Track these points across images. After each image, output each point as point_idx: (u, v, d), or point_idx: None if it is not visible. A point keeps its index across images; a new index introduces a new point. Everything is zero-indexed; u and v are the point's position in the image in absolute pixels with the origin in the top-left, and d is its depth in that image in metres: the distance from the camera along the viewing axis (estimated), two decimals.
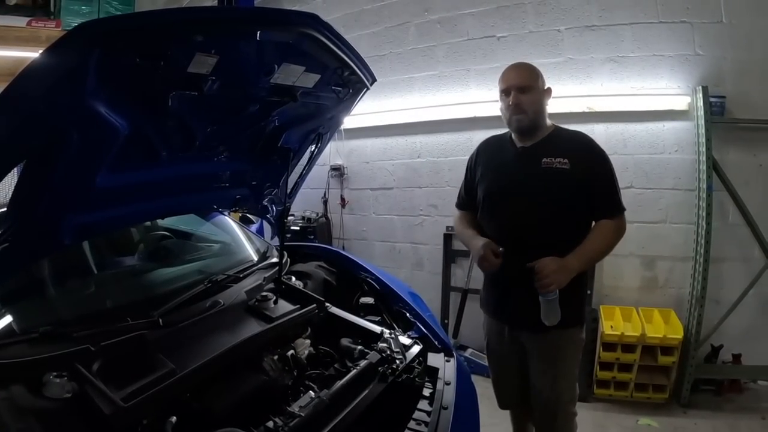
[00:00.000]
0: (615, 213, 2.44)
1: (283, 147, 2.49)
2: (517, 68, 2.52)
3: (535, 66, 2.54)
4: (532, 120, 2.45)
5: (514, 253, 2.42)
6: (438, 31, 5.13)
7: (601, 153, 2.46)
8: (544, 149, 2.45)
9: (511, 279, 2.49)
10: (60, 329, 1.83)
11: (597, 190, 2.41)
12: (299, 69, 1.94)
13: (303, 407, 1.79)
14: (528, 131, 2.49)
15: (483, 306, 2.80)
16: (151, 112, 1.75)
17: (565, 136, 2.52)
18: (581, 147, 2.46)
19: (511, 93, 2.44)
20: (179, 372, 1.76)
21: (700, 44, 4.08)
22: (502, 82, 2.50)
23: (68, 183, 1.67)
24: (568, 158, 2.39)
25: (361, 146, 5.78)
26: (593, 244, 2.41)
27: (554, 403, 2.60)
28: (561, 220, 2.41)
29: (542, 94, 2.49)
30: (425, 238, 5.44)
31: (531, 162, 2.45)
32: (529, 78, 2.46)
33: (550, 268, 2.28)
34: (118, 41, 1.38)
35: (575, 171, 2.38)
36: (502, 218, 2.54)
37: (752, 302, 4.11)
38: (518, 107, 2.43)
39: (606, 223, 2.43)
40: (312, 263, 3.05)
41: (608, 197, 2.44)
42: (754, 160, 4.07)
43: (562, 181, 2.38)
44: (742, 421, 3.80)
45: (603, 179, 2.43)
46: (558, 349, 2.52)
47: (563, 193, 2.39)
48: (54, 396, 1.59)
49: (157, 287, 2.43)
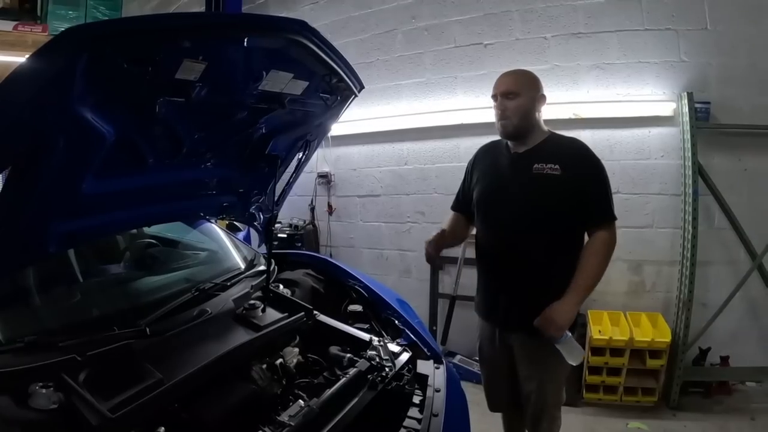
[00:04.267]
0: (606, 220, 2.43)
1: (271, 154, 2.47)
2: (507, 75, 2.54)
3: (531, 73, 2.55)
4: (516, 126, 2.46)
5: (504, 257, 2.46)
6: (425, 39, 5.15)
7: (594, 160, 2.46)
8: (536, 155, 2.46)
9: (502, 282, 2.53)
10: (45, 339, 1.79)
11: (588, 197, 2.41)
12: (287, 76, 1.94)
13: (292, 416, 1.79)
14: (512, 137, 2.51)
15: (476, 309, 2.81)
16: (138, 118, 1.73)
17: (558, 142, 2.53)
18: (574, 153, 2.47)
19: (498, 99, 2.47)
20: (167, 382, 1.74)
21: (685, 51, 4.13)
22: (493, 88, 2.52)
23: (54, 190, 1.64)
24: (559, 164, 2.39)
25: (348, 153, 5.78)
26: (587, 272, 2.40)
27: (540, 407, 2.61)
28: (551, 225, 2.42)
29: (532, 101, 2.48)
30: (413, 244, 5.43)
31: (523, 168, 2.46)
32: (515, 84, 2.47)
33: (552, 321, 2.32)
34: (105, 46, 1.36)
35: (567, 177, 2.38)
36: (493, 222, 2.57)
37: (739, 305, 4.15)
38: (503, 113, 2.46)
39: (594, 244, 2.42)
40: (300, 271, 3.03)
41: (599, 205, 2.43)
42: (739, 164, 4.11)
43: (552, 186, 2.39)
44: (731, 422, 3.82)
45: (595, 186, 2.43)
46: (547, 353, 2.49)
47: (553, 199, 2.39)
48: (40, 407, 1.56)
49: (143, 296, 2.40)
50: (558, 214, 2.41)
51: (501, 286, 2.55)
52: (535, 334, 2.41)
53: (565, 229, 2.45)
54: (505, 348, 2.64)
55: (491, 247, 2.55)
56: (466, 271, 4.87)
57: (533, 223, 2.42)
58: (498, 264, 2.53)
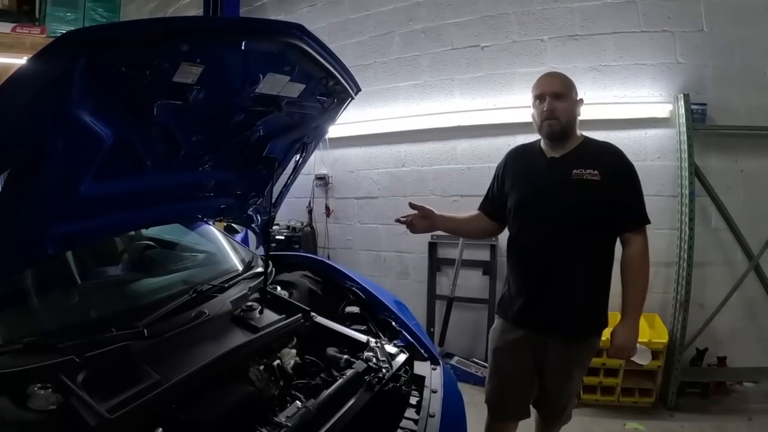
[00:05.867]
0: (641, 225, 2.48)
1: (268, 156, 2.48)
2: (553, 76, 2.58)
3: (570, 78, 2.57)
4: (563, 127, 2.47)
5: (545, 261, 2.47)
6: (422, 41, 5.16)
7: (630, 165, 2.49)
8: (574, 160, 2.47)
9: (543, 287, 2.51)
10: (44, 340, 1.80)
11: (625, 202, 2.44)
12: (284, 79, 1.94)
13: (290, 417, 1.79)
14: (558, 137, 2.51)
15: (503, 312, 2.73)
16: (136, 121, 1.74)
17: (594, 147, 2.55)
18: (611, 159, 2.49)
19: (546, 99, 2.46)
20: (165, 383, 1.74)
21: (682, 53, 4.14)
22: (537, 88, 2.53)
23: (52, 192, 1.65)
24: (598, 170, 2.41)
25: (345, 155, 5.79)
26: (638, 289, 2.50)
27: (566, 401, 2.70)
28: (590, 229, 2.44)
29: (575, 104, 2.52)
30: (410, 246, 5.44)
31: (561, 172, 2.47)
32: (562, 86, 2.50)
33: (624, 348, 2.51)
34: (103, 50, 1.37)
35: (605, 182, 2.40)
36: (532, 227, 2.55)
37: (736, 305, 4.16)
38: (552, 113, 2.45)
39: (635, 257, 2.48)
40: (297, 273, 3.04)
41: (635, 210, 2.47)
42: (735, 165, 4.13)
43: (592, 191, 2.40)
44: (728, 422, 3.83)
45: (631, 191, 2.47)
46: (583, 355, 2.63)
47: (593, 204, 2.41)
48: (39, 408, 1.56)
49: (141, 297, 2.40)
50: (596, 218, 2.43)
51: (542, 290, 2.52)
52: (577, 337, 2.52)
53: (603, 234, 2.48)
54: (533, 352, 2.60)
55: (531, 253, 2.54)
56: (463, 272, 4.88)
57: (572, 226, 2.43)
58: (539, 269, 2.51)
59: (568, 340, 2.52)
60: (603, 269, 2.51)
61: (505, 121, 4.55)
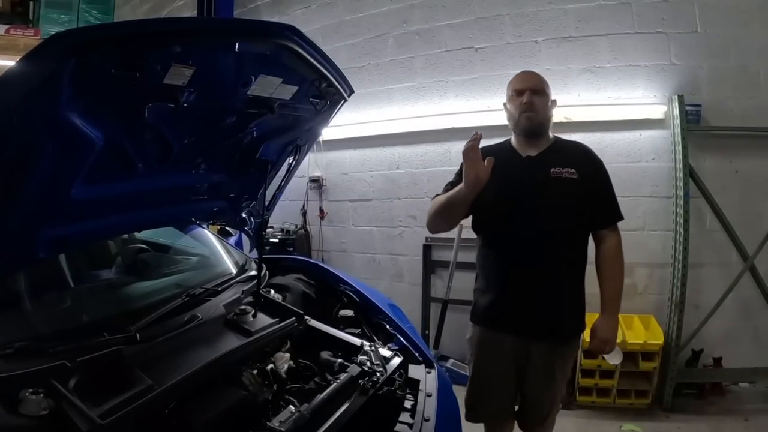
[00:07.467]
0: (616, 219, 2.54)
1: (261, 159, 2.47)
2: (532, 73, 2.65)
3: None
4: (541, 121, 2.52)
5: (530, 262, 2.46)
6: (416, 43, 5.17)
7: (601, 163, 2.57)
8: (550, 158, 2.51)
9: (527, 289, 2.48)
10: (36, 344, 1.77)
11: (600, 200, 2.50)
12: (276, 81, 1.93)
13: (283, 422, 1.77)
14: (535, 132, 2.53)
15: (480, 319, 2.67)
16: (127, 123, 1.73)
17: (568, 147, 2.62)
18: (585, 157, 2.56)
19: (525, 93, 2.50)
20: (157, 387, 1.72)
21: (676, 54, 4.15)
22: (516, 83, 2.57)
23: (43, 195, 1.63)
24: (575, 168, 2.45)
25: (339, 158, 5.79)
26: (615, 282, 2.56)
27: (549, 407, 2.69)
28: (571, 227, 2.47)
29: (550, 103, 2.59)
30: (405, 249, 5.44)
31: (540, 171, 2.48)
32: (541, 83, 2.56)
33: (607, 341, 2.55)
34: (93, 51, 1.36)
35: (582, 181, 2.45)
36: (515, 227, 2.49)
37: (731, 306, 4.17)
38: (531, 105, 2.48)
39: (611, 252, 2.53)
40: (291, 276, 3.03)
41: (611, 207, 2.55)
42: (730, 166, 4.14)
43: (571, 189, 2.43)
44: (724, 423, 3.84)
45: (605, 188, 2.54)
46: (566, 356, 2.63)
47: (573, 201, 2.44)
48: (30, 413, 1.54)
49: (134, 301, 2.38)
50: (577, 216, 2.46)
51: (526, 292, 2.48)
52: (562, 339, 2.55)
53: (581, 233, 2.54)
54: (513, 356, 2.56)
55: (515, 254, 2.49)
56: (458, 275, 4.86)
57: (555, 225, 2.43)
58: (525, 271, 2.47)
59: (555, 342, 2.53)
60: (581, 268, 2.55)
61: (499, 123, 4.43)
